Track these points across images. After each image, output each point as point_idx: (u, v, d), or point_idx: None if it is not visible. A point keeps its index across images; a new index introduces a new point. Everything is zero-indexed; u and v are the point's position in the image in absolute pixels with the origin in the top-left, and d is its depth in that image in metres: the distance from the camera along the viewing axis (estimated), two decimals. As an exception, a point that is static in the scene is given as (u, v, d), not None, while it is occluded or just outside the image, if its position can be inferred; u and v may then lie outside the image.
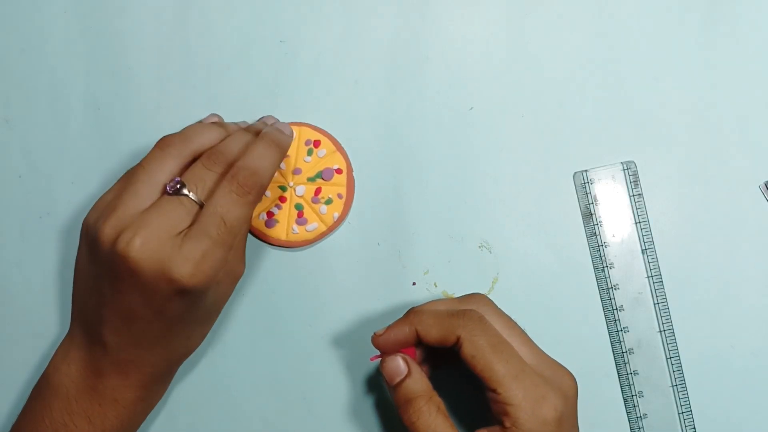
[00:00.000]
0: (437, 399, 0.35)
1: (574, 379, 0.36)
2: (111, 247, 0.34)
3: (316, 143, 0.43)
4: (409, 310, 0.38)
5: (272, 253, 0.44)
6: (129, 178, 0.36)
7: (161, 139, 0.37)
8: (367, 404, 0.43)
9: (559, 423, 0.34)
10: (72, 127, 0.45)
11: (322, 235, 0.43)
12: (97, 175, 0.45)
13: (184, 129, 0.38)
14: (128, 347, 0.36)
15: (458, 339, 0.35)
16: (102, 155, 0.45)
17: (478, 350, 0.34)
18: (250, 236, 0.44)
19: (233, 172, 0.35)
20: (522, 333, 0.37)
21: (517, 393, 0.33)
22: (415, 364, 0.36)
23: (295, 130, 0.43)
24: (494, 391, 0.34)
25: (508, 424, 0.33)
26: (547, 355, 0.36)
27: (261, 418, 0.43)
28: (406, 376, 0.36)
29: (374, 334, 0.37)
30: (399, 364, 0.36)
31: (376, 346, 0.37)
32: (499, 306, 0.38)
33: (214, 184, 0.35)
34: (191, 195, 0.35)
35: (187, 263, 0.33)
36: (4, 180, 0.45)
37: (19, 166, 0.45)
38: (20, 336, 0.44)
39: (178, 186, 0.35)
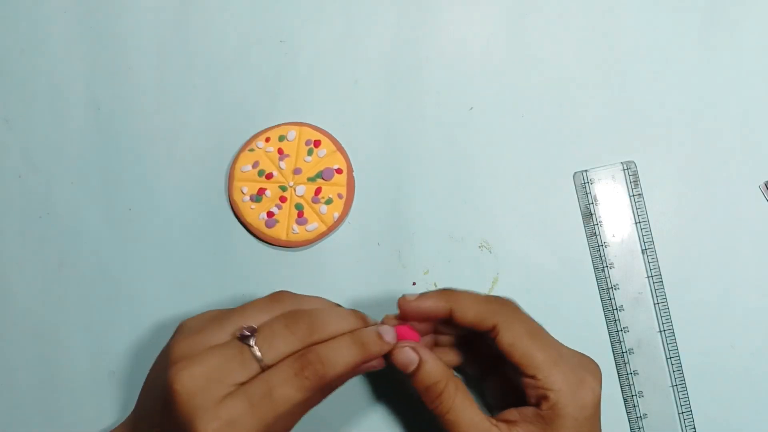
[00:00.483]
0: (456, 380, 0.35)
1: (599, 366, 0.36)
2: (168, 369, 0.33)
3: (317, 143, 0.43)
4: (444, 289, 0.37)
5: (272, 253, 0.44)
6: (229, 312, 0.35)
7: (278, 292, 0.36)
8: (367, 404, 0.43)
9: (595, 406, 0.35)
10: (72, 127, 0.45)
11: (322, 235, 0.43)
12: (97, 175, 0.45)
13: (309, 299, 0.36)
14: None
15: (495, 326, 0.35)
16: (102, 155, 0.45)
17: (516, 337, 0.34)
18: (250, 236, 0.44)
19: (305, 352, 0.33)
20: (544, 333, 0.37)
21: (557, 378, 0.34)
22: (425, 350, 0.36)
23: (296, 130, 0.43)
24: (533, 377, 0.34)
25: (545, 407, 0.34)
26: (569, 347, 0.37)
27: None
28: (420, 363, 0.35)
29: (403, 296, 0.36)
30: (409, 353, 0.35)
31: (402, 310, 0.36)
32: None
33: (286, 348, 0.33)
34: (255, 349, 0.33)
35: (215, 421, 0.31)
36: (4, 180, 0.45)
37: (19, 166, 0.45)
38: (20, 336, 0.44)
39: (248, 334, 0.33)
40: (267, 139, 0.43)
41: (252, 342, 0.33)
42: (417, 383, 0.35)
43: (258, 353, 0.33)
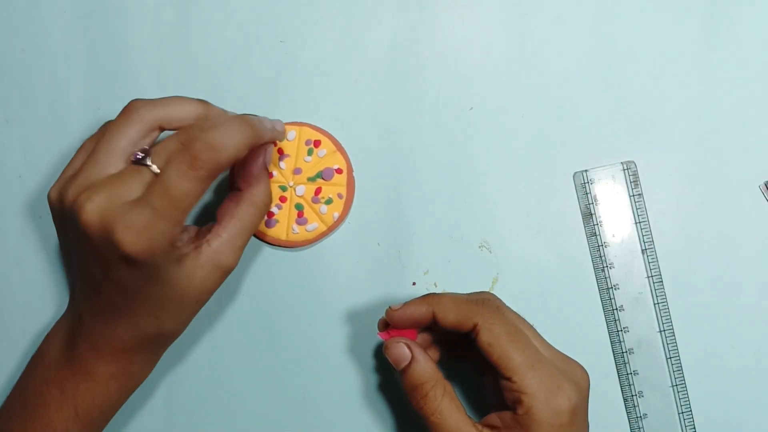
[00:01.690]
0: (444, 382, 0.35)
1: (586, 372, 0.36)
2: (70, 210, 0.33)
3: (317, 143, 0.43)
4: (427, 294, 0.38)
5: (272, 253, 0.44)
6: (89, 146, 0.35)
7: (130, 102, 0.35)
8: (367, 404, 0.43)
9: (572, 414, 0.34)
10: (72, 127, 0.45)
11: (322, 235, 0.43)
12: (97, 175, 0.45)
13: (165, 100, 0.36)
14: (97, 317, 0.35)
15: (475, 326, 0.35)
16: (102, 155, 0.45)
17: (495, 338, 0.34)
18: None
19: (189, 140, 0.33)
20: (532, 328, 0.37)
21: (532, 382, 0.34)
22: (419, 349, 0.36)
23: (296, 130, 0.43)
24: (509, 379, 0.34)
25: (520, 411, 0.34)
26: (557, 350, 0.37)
27: (261, 417, 0.43)
28: (411, 361, 0.36)
29: (389, 308, 0.37)
30: (403, 349, 0.36)
31: (389, 320, 0.37)
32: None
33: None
34: (153, 167, 0.33)
35: (128, 230, 0.32)
36: (4, 180, 0.45)
37: (19, 166, 0.45)
38: (20, 336, 0.44)
39: (140, 156, 0.33)
40: None
41: (148, 161, 0.33)
42: (406, 381, 0.36)
43: (156, 168, 0.33)
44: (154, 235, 0.32)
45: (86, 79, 0.45)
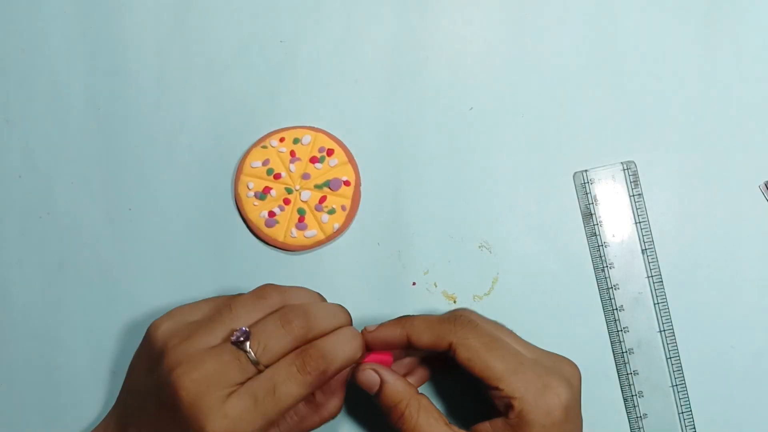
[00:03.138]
0: (418, 398, 0.35)
1: (577, 367, 0.36)
2: (168, 374, 0.33)
3: (330, 152, 0.43)
4: (401, 317, 0.38)
5: (272, 253, 0.44)
6: (215, 311, 0.35)
7: (262, 286, 0.36)
8: (367, 404, 0.43)
9: (564, 410, 0.34)
10: (72, 127, 0.45)
11: (319, 243, 0.43)
12: (97, 175, 0.45)
13: (293, 290, 0.36)
14: None
15: (451, 344, 0.35)
16: (102, 155, 0.45)
17: (472, 352, 0.34)
18: (251, 237, 0.44)
19: (306, 347, 0.33)
20: (512, 333, 0.37)
21: (518, 386, 0.34)
22: (387, 371, 0.36)
23: (311, 135, 0.43)
24: (496, 388, 0.34)
25: (512, 416, 0.34)
26: (543, 350, 0.37)
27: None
28: (381, 384, 0.36)
29: (365, 328, 0.37)
30: (371, 375, 0.36)
31: (366, 342, 0.37)
32: (498, 306, 0.38)
33: (281, 348, 0.34)
34: (250, 353, 0.33)
35: (224, 420, 0.32)
36: (4, 180, 0.45)
37: (19, 166, 0.45)
38: (20, 336, 0.44)
39: (242, 339, 0.33)
40: (281, 139, 0.43)
41: (247, 347, 0.33)
42: (381, 403, 0.36)
43: (253, 356, 0.33)
44: (247, 427, 0.32)
45: (86, 79, 0.45)
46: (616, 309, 0.42)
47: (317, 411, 0.37)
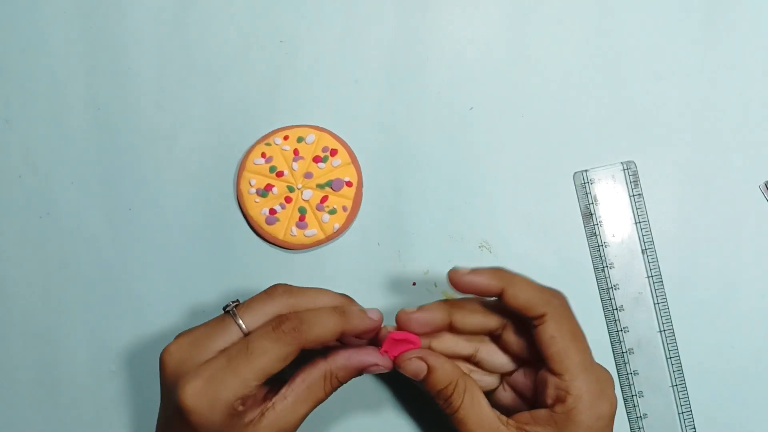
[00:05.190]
0: (466, 378, 0.35)
1: (612, 378, 0.36)
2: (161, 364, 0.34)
3: (333, 152, 0.43)
4: (497, 268, 0.36)
5: (272, 253, 0.44)
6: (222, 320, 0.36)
7: (273, 286, 0.36)
8: (367, 404, 0.43)
9: (611, 420, 0.34)
10: (72, 127, 0.45)
11: (318, 243, 0.43)
12: (97, 175, 0.45)
13: (305, 291, 0.36)
14: None
15: (543, 315, 0.34)
16: (102, 155, 0.45)
17: (560, 332, 0.34)
18: (252, 236, 0.44)
19: (286, 313, 0.34)
20: (585, 340, 0.36)
21: (582, 384, 0.34)
22: (432, 355, 0.35)
23: (316, 134, 0.43)
24: (560, 375, 0.34)
25: (560, 410, 0.34)
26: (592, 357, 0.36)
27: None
28: (429, 371, 0.35)
29: (456, 270, 0.35)
30: (418, 364, 0.35)
31: (452, 282, 0.35)
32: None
33: (264, 312, 0.34)
34: (237, 317, 0.34)
35: (197, 379, 0.32)
36: (4, 180, 0.45)
37: (19, 166, 0.45)
38: (20, 336, 0.44)
39: (232, 304, 0.35)
40: (285, 137, 0.43)
41: (234, 312, 0.34)
42: (428, 388, 0.35)
43: (240, 321, 0.34)
44: (218, 386, 0.32)
45: (86, 79, 0.45)
46: (616, 309, 0.42)
47: (326, 375, 0.35)
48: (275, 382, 0.35)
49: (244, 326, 0.34)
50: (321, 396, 0.35)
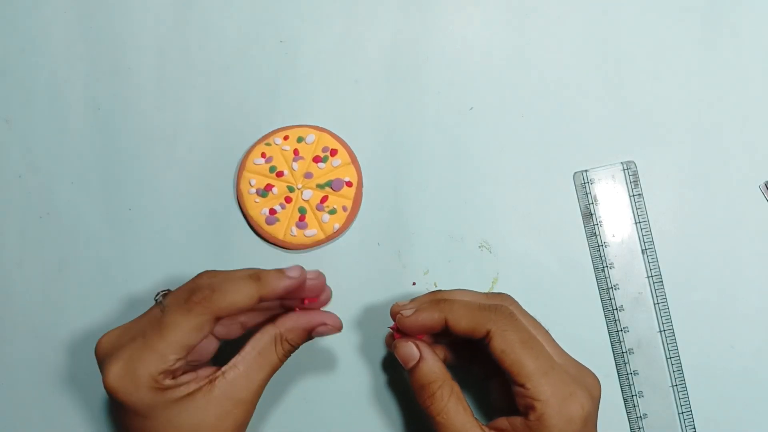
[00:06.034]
0: (452, 383, 0.35)
1: (598, 380, 0.36)
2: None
3: (333, 152, 0.43)
4: (438, 295, 0.37)
5: (272, 252, 0.44)
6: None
7: (198, 274, 0.35)
8: (367, 405, 0.43)
9: (584, 421, 0.34)
10: (72, 127, 0.45)
11: (318, 243, 0.43)
12: (97, 175, 0.45)
13: (228, 271, 0.35)
14: None
15: (488, 333, 0.34)
16: (102, 155, 0.45)
17: (508, 345, 0.34)
18: (252, 237, 0.44)
19: (195, 285, 0.34)
20: (547, 333, 0.37)
21: (545, 389, 0.33)
22: (428, 348, 0.36)
23: (316, 134, 0.43)
24: (522, 386, 0.34)
25: (532, 417, 0.33)
26: (570, 357, 0.36)
27: (261, 418, 0.43)
28: (419, 361, 0.35)
29: (399, 315, 0.36)
30: (411, 349, 0.36)
31: (401, 327, 0.37)
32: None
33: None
34: (159, 297, 0.34)
35: (118, 362, 0.33)
36: (4, 180, 0.45)
37: (19, 166, 0.45)
38: (20, 336, 0.44)
39: (162, 291, 0.35)
40: (285, 137, 0.43)
41: (161, 300, 0.34)
42: (414, 380, 0.36)
43: (165, 305, 0.34)
44: (137, 368, 0.32)
45: (86, 79, 0.45)
46: (616, 309, 0.42)
47: (277, 340, 0.35)
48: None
49: (164, 305, 0.34)
50: (274, 360, 0.35)
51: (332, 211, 0.43)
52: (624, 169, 0.43)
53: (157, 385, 0.32)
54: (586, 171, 0.43)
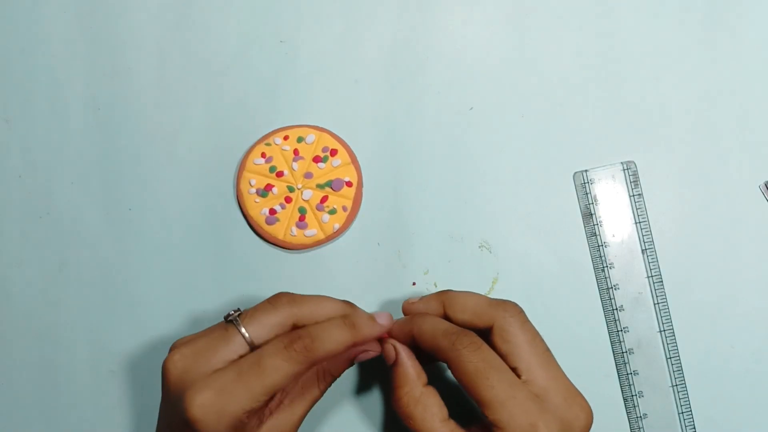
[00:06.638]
0: (425, 390, 0.35)
1: (588, 413, 0.34)
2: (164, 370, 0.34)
3: (333, 152, 0.43)
4: (444, 290, 0.38)
5: (272, 252, 0.44)
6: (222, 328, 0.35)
7: (276, 294, 0.36)
8: (367, 405, 0.43)
9: None
10: (72, 127, 0.45)
11: (318, 243, 0.43)
12: (97, 175, 0.45)
13: (308, 299, 0.36)
14: None
15: (448, 360, 0.34)
16: (102, 155, 0.45)
17: (464, 375, 0.33)
18: (252, 237, 0.44)
19: (297, 330, 0.34)
20: (545, 351, 0.35)
21: (503, 417, 0.32)
22: (405, 352, 0.36)
23: (316, 134, 0.43)
24: (484, 409, 0.33)
25: None
26: (567, 380, 0.34)
27: (261, 418, 0.43)
28: (395, 363, 0.35)
29: (408, 300, 0.38)
30: (389, 350, 0.36)
31: (404, 312, 0.38)
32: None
33: (268, 321, 0.34)
34: (240, 327, 0.34)
35: (207, 391, 0.32)
36: (4, 180, 0.45)
37: (19, 166, 0.45)
38: (20, 336, 0.44)
39: (233, 313, 0.35)
40: (285, 137, 0.43)
41: (238, 322, 0.34)
42: (392, 379, 0.36)
43: (243, 330, 0.33)
44: (229, 400, 0.32)
45: (86, 79, 0.45)
46: (616, 309, 0.42)
47: (321, 380, 0.36)
48: None
49: (248, 336, 0.34)
50: (316, 394, 0.35)
51: (332, 211, 0.43)
52: (624, 169, 0.43)
53: (238, 423, 0.32)
54: (586, 171, 0.43)
